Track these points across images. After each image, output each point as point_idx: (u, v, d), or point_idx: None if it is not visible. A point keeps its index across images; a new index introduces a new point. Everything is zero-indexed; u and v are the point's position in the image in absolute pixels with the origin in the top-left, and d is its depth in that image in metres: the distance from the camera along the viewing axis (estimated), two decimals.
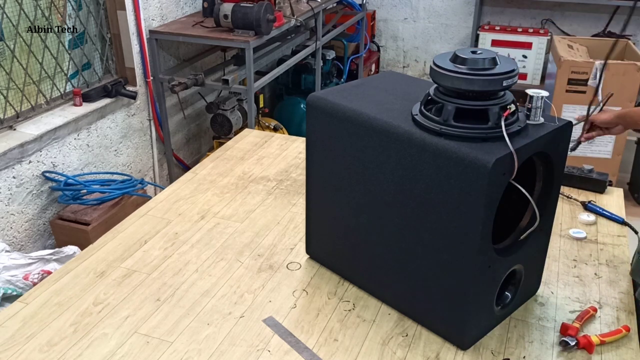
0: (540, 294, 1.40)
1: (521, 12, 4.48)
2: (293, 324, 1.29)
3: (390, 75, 1.47)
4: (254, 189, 1.85)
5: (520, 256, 1.24)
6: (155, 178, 3.38)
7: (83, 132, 2.80)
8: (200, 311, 1.32)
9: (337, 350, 1.22)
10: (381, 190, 1.24)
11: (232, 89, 3.08)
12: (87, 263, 1.48)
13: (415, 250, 1.22)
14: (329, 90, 1.36)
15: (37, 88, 2.65)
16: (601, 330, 1.27)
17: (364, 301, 1.37)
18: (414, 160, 1.15)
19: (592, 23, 4.33)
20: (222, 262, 1.49)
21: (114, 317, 1.30)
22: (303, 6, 3.64)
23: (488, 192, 1.06)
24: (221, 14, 2.99)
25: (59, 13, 2.74)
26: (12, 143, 2.41)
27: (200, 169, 1.97)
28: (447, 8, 4.68)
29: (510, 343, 1.25)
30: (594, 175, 1.83)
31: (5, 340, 1.23)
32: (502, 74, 1.09)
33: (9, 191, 2.44)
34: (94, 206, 2.60)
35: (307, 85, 4.20)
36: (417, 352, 1.22)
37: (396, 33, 4.90)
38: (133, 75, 3.08)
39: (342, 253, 1.41)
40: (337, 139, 1.29)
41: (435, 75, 1.14)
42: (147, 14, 3.08)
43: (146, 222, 1.66)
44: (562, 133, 1.19)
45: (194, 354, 1.20)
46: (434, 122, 1.13)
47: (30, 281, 2.01)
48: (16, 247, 2.50)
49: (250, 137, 2.23)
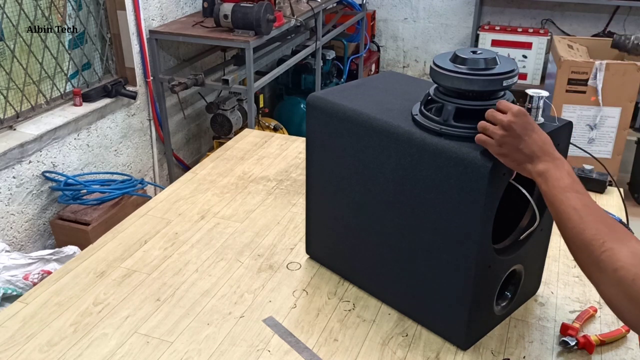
0: (540, 294, 1.40)
1: (521, 12, 4.48)
2: (293, 324, 1.29)
3: (390, 75, 1.47)
4: (254, 189, 1.85)
5: (520, 256, 1.24)
6: (155, 178, 3.38)
7: (83, 132, 2.80)
8: (200, 311, 1.32)
9: (337, 350, 1.22)
10: (381, 190, 1.24)
11: (232, 89, 3.08)
12: (87, 263, 1.48)
13: (415, 250, 1.22)
14: (329, 90, 1.36)
15: (37, 88, 2.65)
16: (601, 330, 1.27)
17: (364, 301, 1.37)
18: (414, 160, 1.15)
19: (592, 23, 4.33)
20: (222, 262, 1.49)
21: (114, 317, 1.30)
22: (303, 6, 3.64)
23: (488, 192, 1.06)
24: (221, 14, 2.99)
25: (59, 13, 2.74)
26: (12, 143, 2.41)
27: (200, 169, 1.97)
28: (447, 8, 4.68)
29: (510, 343, 1.25)
30: (594, 175, 1.83)
31: (5, 340, 1.23)
32: (502, 74, 1.09)
33: (9, 191, 2.44)
34: (94, 206, 2.60)
35: (307, 85, 4.20)
36: (417, 352, 1.22)
37: (396, 33, 4.90)
38: (133, 75, 3.08)
39: (342, 253, 1.41)
40: (337, 139, 1.29)
41: (435, 75, 1.14)
42: (147, 14, 3.08)
43: (146, 222, 1.66)
44: (562, 133, 1.19)
45: (194, 354, 1.20)
46: (434, 122, 1.13)
47: (30, 281, 2.01)
48: (16, 247, 2.50)
49: (250, 137, 2.23)
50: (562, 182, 0.98)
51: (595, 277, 0.88)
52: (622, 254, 0.84)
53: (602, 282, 0.87)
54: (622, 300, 0.83)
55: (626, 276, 0.82)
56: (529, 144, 1.01)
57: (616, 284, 0.83)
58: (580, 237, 0.91)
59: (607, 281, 0.85)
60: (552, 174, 0.99)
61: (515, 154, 1.02)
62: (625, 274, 0.82)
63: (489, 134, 1.03)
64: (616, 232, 0.89)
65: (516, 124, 1.02)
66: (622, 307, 0.84)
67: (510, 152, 1.02)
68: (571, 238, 0.93)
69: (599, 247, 0.87)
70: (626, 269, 0.82)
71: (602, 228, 0.90)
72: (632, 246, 0.85)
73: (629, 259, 0.83)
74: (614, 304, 0.86)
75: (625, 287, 0.82)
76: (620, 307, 0.84)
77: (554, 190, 0.98)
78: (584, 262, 0.91)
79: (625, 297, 0.82)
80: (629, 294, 0.82)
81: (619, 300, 0.84)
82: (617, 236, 0.88)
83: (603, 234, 0.89)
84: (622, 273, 0.83)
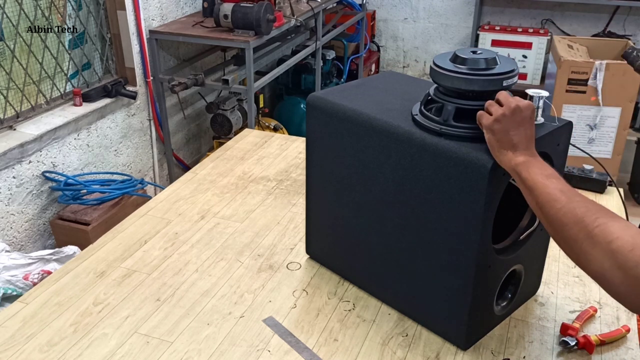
0: (540, 294, 1.40)
1: (521, 12, 4.48)
2: (293, 324, 1.29)
3: (390, 75, 1.47)
4: (254, 189, 1.85)
5: (520, 256, 1.24)
6: (155, 178, 3.38)
7: (83, 132, 2.80)
8: (200, 311, 1.32)
9: (337, 350, 1.22)
10: (381, 190, 1.24)
11: (232, 89, 3.08)
12: (87, 263, 1.48)
13: (415, 250, 1.22)
14: (329, 90, 1.36)
15: (37, 88, 2.65)
16: (601, 330, 1.27)
17: (364, 301, 1.37)
18: (414, 160, 1.15)
19: (592, 23, 4.33)
20: (222, 262, 1.49)
21: (114, 317, 1.30)
22: (303, 6, 3.64)
23: (488, 192, 1.06)
24: (221, 14, 2.99)
25: (59, 13, 2.74)
26: (12, 143, 2.41)
27: (200, 169, 1.97)
28: (447, 8, 4.68)
29: (510, 343, 1.25)
30: (594, 175, 1.83)
31: (5, 340, 1.23)
32: (502, 74, 1.09)
33: (9, 191, 2.44)
34: (94, 206, 2.60)
35: (307, 85, 4.20)
36: (417, 352, 1.22)
37: (396, 33, 4.90)
38: (133, 75, 3.08)
39: (342, 253, 1.41)
40: (337, 139, 1.29)
41: (435, 75, 1.14)
42: (147, 14, 3.08)
43: (146, 222, 1.66)
44: (562, 133, 1.19)
45: (194, 354, 1.20)
46: (434, 122, 1.13)
47: (30, 281, 2.01)
48: (16, 247, 2.50)
49: (250, 137, 2.23)
50: (545, 170, 1.01)
51: (587, 252, 0.88)
52: (615, 227, 0.85)
53: (595, 256, 0.86)
54: (616, 272, 0.83)
55: (623, 246, 0.82)
56: (520, 133, 1.04)
57: (610, 256, 0.84)
58: (571, 214, 0.92)
59: (600, 254, 0.85)
60: (533, 163, 1.02)
61: (503, 136, 1.04)
62: (623, 244, 0.82)
63: (492, 110, 1.06)
64: (606, 210, 0.91)
65: (521, 111, 1.04)
66: (615, 280, 0.84)
67: (500, 131, 1.04)
68: (559, 218, 0.94)
69: (592, 222, 0.88)
70: (623, 239, 0.83)
71: (591, 206, 0.92)
72: (623, 221, 0.87)
73: (623, 230, 0.84)
74: (607, 278, 0.85)
75: (621, 257, 0.82)
76: (613, 279, 0.84)
77: (536, 176, 1.00)
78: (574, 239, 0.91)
79: (619, 269, 0.82)
80: (624, 265, 0.82)
81: (612, 272, 0.84)
82: (608, 213, 0.90)
83: (595, 210, 0.90)
84: (618, 244, 0.83)
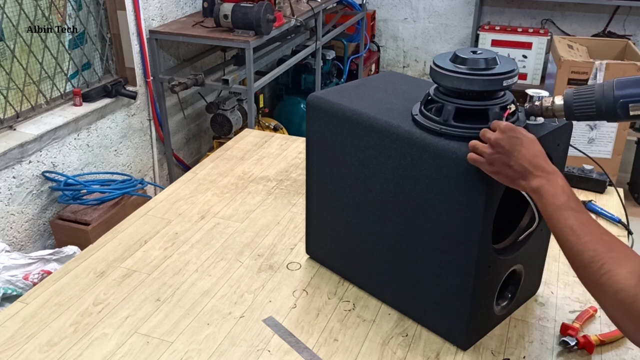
0: (540, 294, 1.40)
1: (521, 12, 4.48)
2: (293, 324, 1.29)
3: (390, 75, 1.47)
4: (254, 189, 1.85)
5: (520, 256, 1.24)
6: (155, 178, 3.38)
7: (83, 132, 2.80)
8: (200, 311, 1.32)
9: (337, 350, 1.22)
10: (381, 190, 1.24)
11: (232, 89, 3.08)
12: (87, 263, 1.48)
13: (415, 250, 1.22)
14: (329, 90, 1.36)
15: (37, 88, 2.65)
16: (601, 330, 1.27)
17: (364, 301, 1.37)
18: (414, 160, 1.15)
19: (592, 23, 4.33)
20: (222, 262, 1.49)
21: (114, 317, 1.30)
22: (303, 6, 3.64)
23: (488, 192, 1.06)
24: (221, 14, 2.99)
25: (59, 13, 2.74)
26: (12, 143, 2.41)
27: (200, 169, 1.97)
28: (447, 8, 4.68)
29: (510, 343, 1.25)
30: (593, 175, 1.83)
31: (5, 340, 1.23)
32: (502, 74, 1.09)
33: (9, 191, 2.44)
34: (94, 206, 2.60)
35: (307, 85, 4.20)
36: (417, 352, 1.22)
37: (396, 33, 4.90)
38: (133, 75, 3.08)
39: (342, 253, 1.41)
40: (337, 139, 1.29)
41: (435, 75, 1.14)
42: (147, 14, 3.08)
43: (146, 222, 1.66)
44: (562, 133, 1.19)
45: (194, 354, 1.20)
46: (434, 122, 1.13)
47: (30, 281, 2.01)
48: (16, 247, 2.50)
49: (250, 137, 2.23)
50: (557, 199, 0.98)
51: (598, 298, 0.91)
52: (620, 276, 0.86)
53: (606, 303, 0.89)
54: (627, 321, 0.86)
55: (626, 298, 0.84)
56: (518, 160, 1.01)
57: (619, 305, 0.86)
58: (579, 258, 0.92)
59: (610, 302, 0.88)
60: (546, 191, 0.99)
61: (506, 171, 1.02)
62: (626, 295, 0.84)
63: (479, 152, 1.04)
64: (613, 251, 0.90)
65: (503, 140, 1.02)
66: (627, 327, 0.86)
67: (501, 169, 1.02)
68: (570, 258, 0.96)
69: (599, 270, 0.89)
70: (626, 291, 0.84)
71: (599, 248, 0.91)
72: (629, 266, 0.87)
73: (627, 280, 0.85)
74: (619, 324, 0.88)
75: (626, 308, 0.84)
76: (625, 326, 0.87)
77: (549, 207, 0.98)
78: (585, 282, 0.93)
79: (628, 318, 0.85)
80: (631, 314, 0.84)
81: (623, 320, 0.86)
82: (615, 256, 0.89)
83: (601, 254, 0.90)
84: (622, 295, 0.85)
